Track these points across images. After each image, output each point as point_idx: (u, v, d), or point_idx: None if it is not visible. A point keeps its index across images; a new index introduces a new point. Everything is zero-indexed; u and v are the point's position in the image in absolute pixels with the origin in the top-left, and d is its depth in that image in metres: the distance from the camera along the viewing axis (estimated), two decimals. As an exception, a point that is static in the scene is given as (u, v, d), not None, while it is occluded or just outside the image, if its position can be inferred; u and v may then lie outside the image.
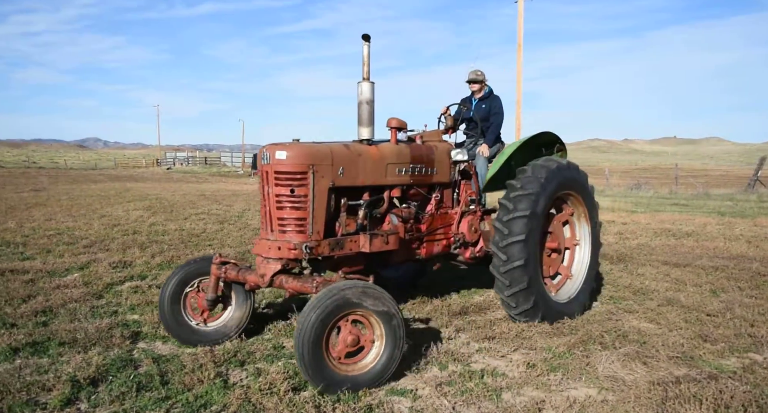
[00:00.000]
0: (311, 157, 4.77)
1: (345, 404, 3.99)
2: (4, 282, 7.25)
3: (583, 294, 6.34)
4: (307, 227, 4.79)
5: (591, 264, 6.42)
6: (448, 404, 4.02)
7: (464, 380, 4.47)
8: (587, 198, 6.33)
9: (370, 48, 5.00)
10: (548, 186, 5.70)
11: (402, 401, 4.14)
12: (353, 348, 4.20)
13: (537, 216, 5.60)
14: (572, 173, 6.08)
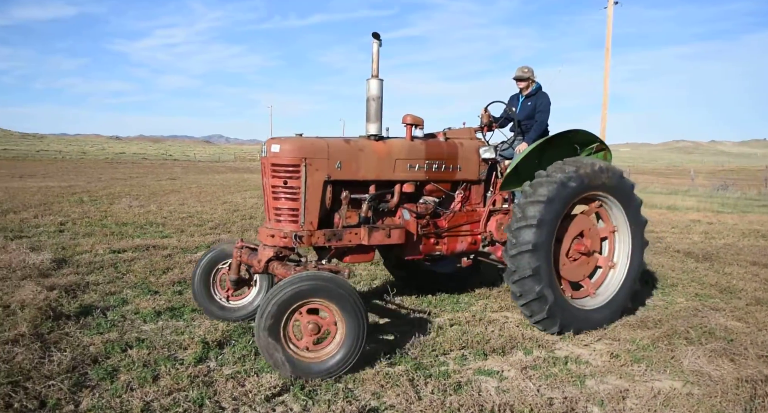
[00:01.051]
0: (304, 150, 4.65)
1: (436, 380, 3.99)
2: (149, 256, 7.84)
3: (620, 298, 5.49)
4: (299, 217, 4.69)
5: (631, 266, 5.57)
6: (533, 386, 3.92)
7: (548, 365, 4.35)
8: (623, 198, 5.47)
9: (379, 46, 4.81)
10: (564, 190, 4.96)
11: (489, 381, 4.08)
12: (316, 336, 4.05)
13: (548, 224, 4.89)
14: (598, 173, 5.21)
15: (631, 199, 5.52)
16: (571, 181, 5.01)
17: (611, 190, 5.35)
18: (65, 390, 3.58)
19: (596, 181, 5.19)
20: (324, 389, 3.81)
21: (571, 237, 5.32)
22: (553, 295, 4.93)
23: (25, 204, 13.71)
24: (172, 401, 3.53)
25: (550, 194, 4.91)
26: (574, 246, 5.34)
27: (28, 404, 3.39)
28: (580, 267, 5.41)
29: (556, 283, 5.03)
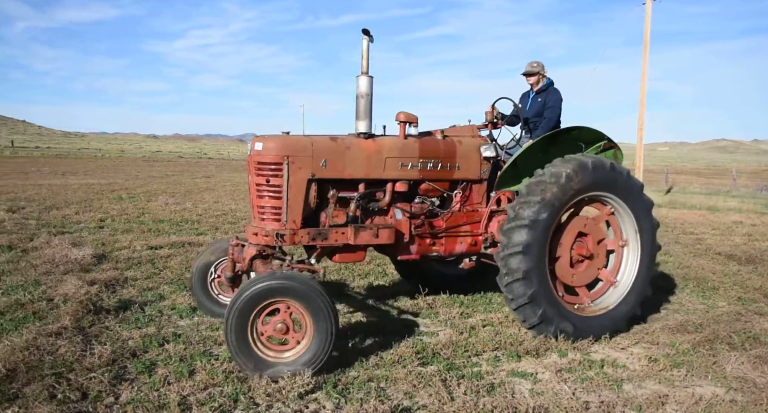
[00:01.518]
0: (286, 148, 4.59)
1: (469, 380, 3.96)
2: (185, 253, 8.00)
3: (626, 304, 5.11)
4: (282, 216, 4.63)
5: (640, 271, 5.15)
6: (568, 389, 3.86)
7: (584, 368, 4.27)
8: (629, 199, 5.09)
9: (369, 43, 4.70)
10: (560, 189, 4.68)
11: (522, 383, 4.03)
12: (282, 335, 3.99)
13: (541, 225, 4.64)
14: (600, 172, 4.88)
15: (639, 199, 5.14)
16: (567, 180, 4.71)
17: (616, 189, 5.02)
18: (106, 383, 3.68)
19: (598, 180, 4.88)
20: (356, 387, 3.82)
21: (572, 238, 5.01)
22: (547, 299, 4.68)
23: (67, 200, 14.15)
24: (207, 396, 3.59)
25: (544, 194, 4.66)
26: (575, 250, 5.03)
27: (71, 395, 3.49)
28: (581, 271, 5.09)
29: (550, 287, 4.78)
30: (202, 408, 3.41)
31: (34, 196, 15.14)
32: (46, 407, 3.24)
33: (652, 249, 5.25)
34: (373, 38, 4.72)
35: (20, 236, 8.87)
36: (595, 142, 5.46)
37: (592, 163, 4.84)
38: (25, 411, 3.22)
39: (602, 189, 4.97)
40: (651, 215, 5.23)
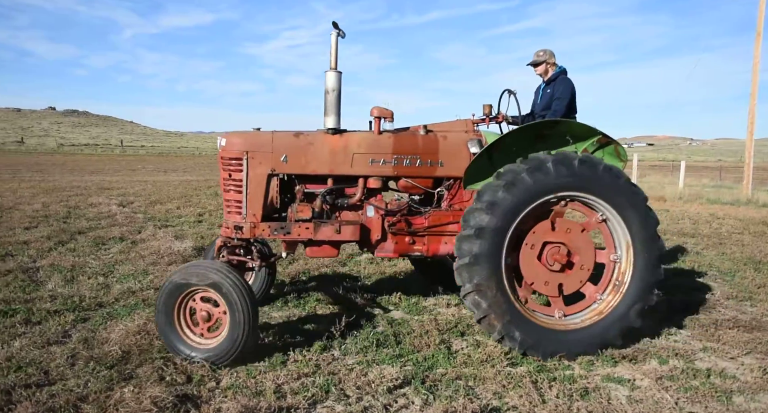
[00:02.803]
0: (246, 144, 4.67)
1: (561, 383, 3.85)
2: (275, 248, 8.32)
3: (614, 320, 4.41)
4: (243, 209, 4.70)
5: (632, 282, 4.43)
6: (670, 399, 3.64)
7: (688, 377, 4.01)
8: (616, 201, 4.37)
9: (338, 38, 4.59)
10: (515, 191, 4.22)
11: (619, 389, 3.85)
12: (208, 324, 4.12)
13: (490, 234, 4.21)
14: (564, 171, 4.26)
15: (631, 204, 4.37)
16: (521, 182, 4.22)
17: (592, 190, 4.34)
18: (207, 368, 3.90)
19: (563, 179, 4.27)
20: (444, 384, 3.82)
21: (546, 242, 4.48)
22: (509, 312, 4.26)
23: (169, 196, 15.18)
24: (300, 385, 3.72)
25: (494, 197, 4.22)
26: (551, 256, 4.47)
27: (177, 378, 3.74)
28: (554, 280, 4.50)
29: (511, 299, 4.31)
30: (295, 397, 3.54)
31: (141, 192, 16.36)
32: (156, 388, 3.49)
33: (648, 273, 4.41)
34: (344, 33, 4.64)
35: (130, 229, 9.63)
36: (588, 138, 4.84)
37: (552, 161, 4.27)
38: (139, 390, 3.48)
39: (571, 189, 4.33)
40: (649, 224, 4.40)
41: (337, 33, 4.60)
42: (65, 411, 3.23)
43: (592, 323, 4.43)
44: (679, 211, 14.73)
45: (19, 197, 13.98)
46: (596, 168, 4.31)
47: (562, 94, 5.39)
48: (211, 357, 4.00)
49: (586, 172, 4.30)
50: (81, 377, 3.71)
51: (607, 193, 4.36)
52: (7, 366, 3.82)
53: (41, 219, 10.40)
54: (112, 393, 3.46)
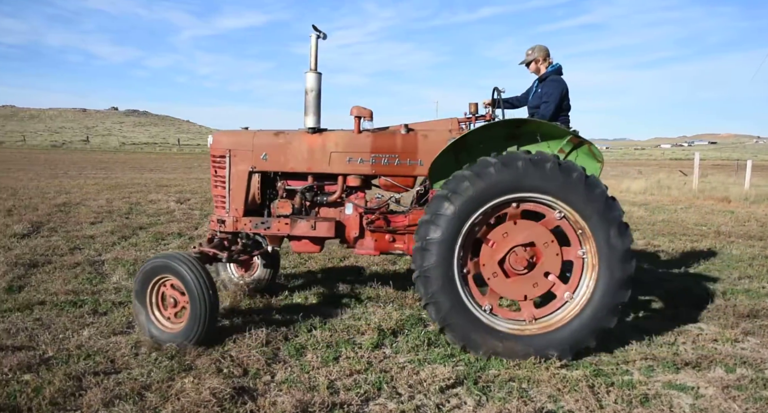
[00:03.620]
0: (229, 142, 5.04)
1: (619, 389, 3.73)
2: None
3: (573, 328, 4.17)
4: (226, 204, 5.05)
5: (596, 290, 4.16)
6: (738, 409, 3.47)
7: (757, 387, 3.81)
8: (573, 200, 4.10)
9: (318, 39, 4.75)
10: (461, 200, 4.07)
11: (682, 396, 3.70)
12: (174, 309, 4.36)
13: (439, 244, 4.10)
14: (511, 174, 4.05)
15: (589, 201, 4.09)
16: (466, 187, 4.06)
17: (547, 190, 4.09)
18: (263, 362, 4.00)
19: (510, 181, 4.07)
20: (497, 386, 3.77)
21: (505, 248, 4.26)
22: (467, 320, 4.17)
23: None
24: (353, 382, 3.76)
25: (439, 208, 4.10)
26: (512, 261, 4.27)
27: (234, 370, 3.85)
28: (518, 284, 4.30)
29: (468, 307, 4.19)
30: (348, 393, 3.58)
31: (197, 189, 16.89)
32: (214, 380, 3.60)
33: (616, 268, 4.11)
34: (325, 35, 4.77)
35: (187, 225, 9.97)
36: (560, 137, 4.64)
37: (500, 162, 4.08)
38: (199, 381, 3.60)
39: (523, 190, 4.11)
40: (616, 226, 4.12)
41: (317, 35, 4.75)
42: (130, 398, 3.38)
43: (562, 325, 4.22)
44: (745, 213, 14.03)
45: (85, 193, 14.69)
46: (543, 166, 4.05)
47: (549, 96, 5.25)
48: (173, 340, 4.22)
49: (541, 173, 4.06)
50: (144, 366, 3.87)
51: (568, 194, 4.10)
52: (77, 353, 4.03)
53: (105, 215, 10.89)
54: (173, 383, 3.59)
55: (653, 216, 13.20)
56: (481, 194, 4.09)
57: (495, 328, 4.20)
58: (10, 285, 5.78)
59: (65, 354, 4.00)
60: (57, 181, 18.33)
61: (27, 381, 3.56)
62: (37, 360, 3.85)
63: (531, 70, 5.58)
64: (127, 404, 3.29)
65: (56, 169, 25.14)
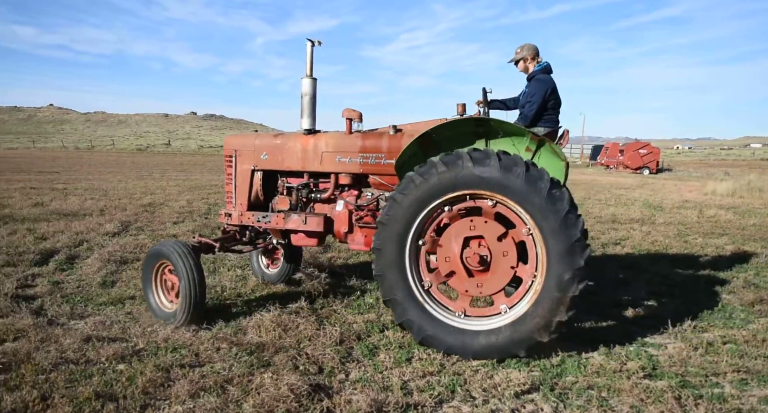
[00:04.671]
0: (235, 144, 5.62)
1: (709, 401, 3.53)
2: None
3: (518, 327, 4.08)
4: (233, 199, 5.57)
5: (543, 287, 4.05)
6: None
7: None
8: (521, 200, 4.03)
9: (313, 48, 5.10)
10: (412, 195, 4.17)
11: (780, 413, 3.45)
12: (174, 292, 4.85)
13: (388, 252, 4.26)
14: (469, 170, 4.05)
15: (532, 197, 3.99)
16: (409, 190, 4.18)
17: (494, 187, 4.05)
18: (337, 361, 4.08)
19: (466, 175, 4.07)
20: (575, 393, 3.66)
21: (459, 246, 4.26)
22: (423, 318, 4.25)
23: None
24: (426, 383, 3.76)
25: (390, 210, 4.25)
26: (468, 259, 4.27)
27: (309, 368, 3.95)
28: (488, 279, 4.27)
29: (424, 308, 4.27)
30: (422, 395, 3.58)
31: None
32: (292, 376, 3.71)
33: (560, 266, 3.97)
34: (320, 42, 5.08)
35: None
36: (520, 136, 4.57)
37: (441, 162, 4.13)
38: (277, 377, 3.72)
39: (481, 187, 4.09)
40: (561, 217, 3.97)
41: (312, 43, 5.08)
42: (214, 391, 3.54)
43: (494, 328, 4.17)
44: None
45: (167, 194, 15.51)
46: (502, 165, 4.01)
47: (533, 96, 5.22)
48: (168, 318, 4.77)
49: (493, 170, 4.04)
50: (226, 361, 4.04)
51: (497, 187, 4.07)
52: (164, 346, 4.26)
53: (186, 215, 11.45)
54: (253, 378, 3.73)
55: (743, 220, 12.39)
56: (427, 193, 4.19)
57: (445, 322, 4.27)
58: (104, 280, 6.20)
59: (154, 347, 4.24)
60: (142, 183, 19.46)
61: (121, 370, 3.81)
62: (129, 352, 4.11)
63: (519, 68, 5.55)
64: (211, 396, 3.45)
65: (141, 171, 26.70)
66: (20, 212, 11.11)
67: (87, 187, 17.42)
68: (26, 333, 4.42)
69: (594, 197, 17.76)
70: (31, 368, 3.73)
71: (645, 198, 17.94)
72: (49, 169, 27.40)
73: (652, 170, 40.71)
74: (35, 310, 5.07)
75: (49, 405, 3.27)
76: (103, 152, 61.33)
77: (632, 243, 9.36)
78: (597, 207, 14.59)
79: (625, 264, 7.72)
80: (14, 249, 7.53)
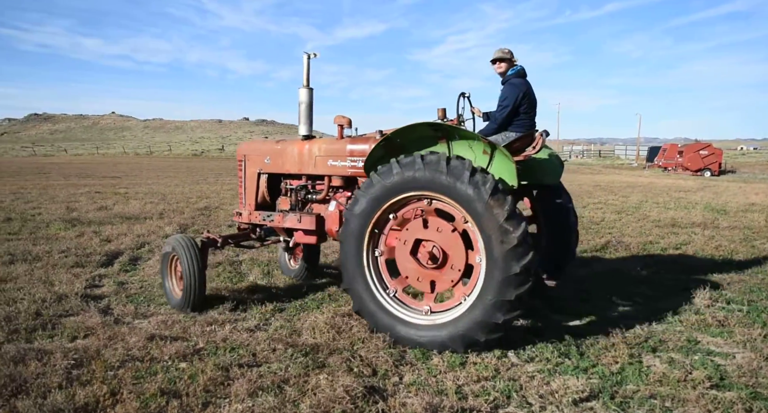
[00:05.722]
0: (245, 149, 6.18)
1: (782, 416, 3.35)
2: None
3: (456, 325, 4.29)
4: (243, 199, 6.11)
5: (483, 287, 4.19)
6: None
7: None
8: (462, 202, 4.22)
9: (309, 60, 5.51)
10: (366, 201, 4.57)
11: None
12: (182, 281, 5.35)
13: (351, 239, 4.67)
14: (417, 173, 4.33)
15: (476, 202, 4.14)
16: (372, 189, 4.55)
17: (431, 187, 4.32)
18: (390, 363, 4.09)
19: (411, 178, 4.38)
20: (636, 402, 3.55)
21: (416, 238, 4.57)
22: (376, 307, 4.63)
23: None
24: (480, 388, 3.72)
25: (352, 208, 4.66)
26: (421, 255, 4.58)
27: (363, 370, 3.97)
28: (444, 275, 4.51)
29: (376, 295, 4.65)
30: (477, 399, 3.55)
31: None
32: (347, 377, 3.75)
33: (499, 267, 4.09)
34: (316, 54, 5.50)
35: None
36: (476, 140, 4.65)
37: (396, 164, 4.46)
38: (333, 378, 3.77)
39: (429, 189, 4.35)
40: (493, 223, 4.09)
41: (308, 55, 5.52)
42: (272, 390, 3.62)
43: (453, 319, 4.36)
44: None
45: (222, 198, 15.97)
46: (448, 168, 4.23)
47: (504, 100, 5.23)
48: (177, 305, 5.35)
49: (439, 174, 4.26)
50: (282, 361, 4.12)
51: (453, 193, 4.25)
52: (223, 346, 4.39)
53: (241, 219, 11.75)
54: (309, 379, 3.80)
55: (816, 223, 11.68)
56: (383, 193, 4.52)
57: (399, 317, 4.55)
58: (165, 281, 6.43)
59: (213, 346, 4.38)
60: (198, 187, 20.11)
61: (183, 368, 3.95)
62: (190, 350, 4.26)
63: (495, 68, 5.51)
64: (269, 396, 3.53)
65: (197, 176, 27.59)
66: (86, 215, 11.70)
67: (147, 191, 18.15)
68: (95, 331, 4.65)
69: (652, 200, 17.15)
70: (101, 364, 3.92)
71: (707, 201, 17.20)
72: (111, 174, 28.72)
73: (714, 172, 39.00)
74: (103, 309, 5.32)
75: (118, 401, 3.42)
76: (161, 157, 63.74)
77: (694, 247, 8.99)
78: (655, 211, 14.09)
79: (686, 269, 7.42)
80: (82, 251, 7.93)
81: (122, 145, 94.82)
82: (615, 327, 4.97)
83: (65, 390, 3.53)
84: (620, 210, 14.28)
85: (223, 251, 8.25)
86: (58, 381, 3.64)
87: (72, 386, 3.59)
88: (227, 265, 7.30)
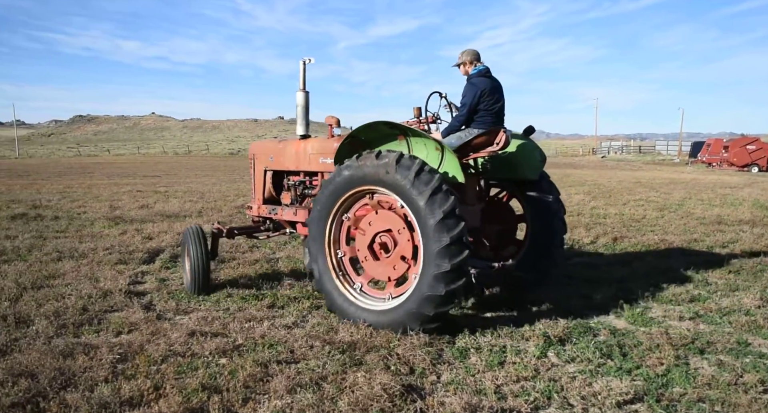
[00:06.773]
0: (254, 149, 6.71)
1: (841, 423, 3.19)
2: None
3: (399, 312, 4.61)
4: (253, 195, 6.65)
5: (421, 277, 4.50)
6: None
7: None
8: (401, 194, 4.60)
9: (305, 65, 5.93)
10: (327, 191, 5.02)
11: None
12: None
13: (315, 233, 5.13)
14: (360, 170, 4.76)
15: (418, 197, 4.45)
16: (329, 186, 4.99)
17: (379, 181, 4.69)
18: (428, 362, 4.06)
19: (358, 174, 4.80)
20: (684, 405, 3.43)
21: (374, 232, 4.85)
22: (340, 297, 4.98)
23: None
24: (520, 388, 3.66)
25: (316, 203, 5.11)
26: (377, 248, 4.89)
27: (401, 368, 3.96)
28: (382, 266, 4.86)
29: (338, 285, 5.03)
30: (516, 400, 3.50)
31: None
32: (384, 376, 3.74)
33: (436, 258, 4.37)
34: (312, 60, 5.90)
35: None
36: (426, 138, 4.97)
37: (355, 160, 4.82)
38: (371, 375, 3.77)
39: (372, 183, 4.75)
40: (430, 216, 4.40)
41: (304, 61, 5.93)
42: (310, 387, 3.64)
43: (401, 302, 4.64)
44: None
45: (258, 197, 16.20)
46: (386, 163, 4.57)
47: (463, 100, 5.40)
48: (188, 288, 5.91)
49: (379, 169, 4.62)
50: (319, 358, 4.15)
51: (391, 185, 4.61)
52: (261, 342, 4.44)
53: (277, 216, 11.89)
54: (346, 376, 3.80)
55: None
56: (339, 188, 4.92)
57: (360, 305, 4.89)
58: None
59: (252, 343, 4.43)
60: (235, 186, 20.45)
61: (223, 364, 4.01)
62: (230, 347, 4.32)
63: (461, 72, 5.63)
64: (307, 392, 3.55)
65: (233, 175, 28.07)
66: (129, 214, 12.03)
67: (186, 189, 18.55)
68: (138, 326, 4.77)
69: (695, 197, 16.63)
70: (144, 359, 4.02)
71: (755, 197, 16.57)
72: (151, 173, 29.49)
73: (762, 167, 37.54)
74: (145, 305, 5.46)
75: (161, 395, 3.49)
76: (199, 156, 65.11)
77: (742, 246, 8.67)
78: (700, 208, 13.65)
79: (734, 268, 7.16)
80: (125, 248, 8.16)
81: (162, 144, 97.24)
82: (658, 327, 4.83)
83: (111, 383, 3.63)
84: (662, 207, 13.89)
85: (261, 249, 8.38)
86: (104, 375, 3.74)
87: (117, 380, 3.69)
88: (264, 263, 7.40)
